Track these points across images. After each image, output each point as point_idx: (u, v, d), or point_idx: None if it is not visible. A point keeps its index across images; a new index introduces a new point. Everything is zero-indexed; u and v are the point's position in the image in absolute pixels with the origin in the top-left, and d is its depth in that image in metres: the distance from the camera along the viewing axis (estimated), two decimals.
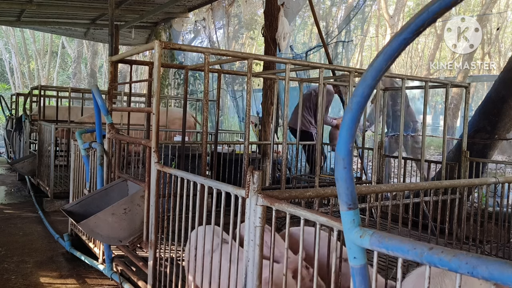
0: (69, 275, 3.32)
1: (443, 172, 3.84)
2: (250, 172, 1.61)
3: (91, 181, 3.35)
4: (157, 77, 2.40)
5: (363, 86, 0.83)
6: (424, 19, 0.73)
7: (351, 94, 3.01)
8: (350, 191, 0.91)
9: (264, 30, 6.34)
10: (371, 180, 3.67)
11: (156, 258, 2.42)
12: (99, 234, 2.53)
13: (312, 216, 1.41)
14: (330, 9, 9.55)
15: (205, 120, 2.68)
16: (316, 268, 1.47)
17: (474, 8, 15.79)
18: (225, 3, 9.29)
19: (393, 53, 0.78)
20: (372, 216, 3.87)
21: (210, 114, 8.36)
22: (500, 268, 0.73)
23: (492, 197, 3.01)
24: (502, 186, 2.67)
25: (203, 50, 2.71)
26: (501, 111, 4.81)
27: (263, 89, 6.48)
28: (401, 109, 3.68)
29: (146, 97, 3.89)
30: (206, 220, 2.10)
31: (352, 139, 0.88)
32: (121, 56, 3.20)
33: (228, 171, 5.05)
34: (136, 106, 8.67)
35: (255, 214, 1.59)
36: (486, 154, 4.95)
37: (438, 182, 2.60)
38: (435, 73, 14.64)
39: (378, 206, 2.64)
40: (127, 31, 10.58)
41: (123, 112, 5.36)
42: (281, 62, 3.48)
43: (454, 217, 2.58)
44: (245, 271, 1.66)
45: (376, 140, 3.69)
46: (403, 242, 0.92)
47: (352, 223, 0.96)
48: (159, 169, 2.36)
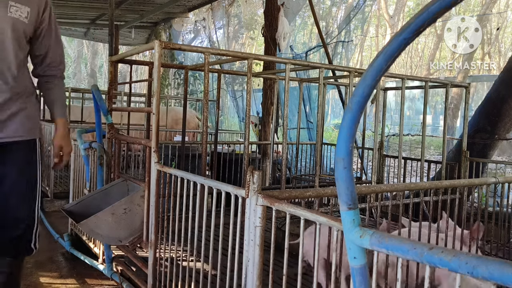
0: (69, 275, 3.32)
1: (443, 172, 3.84)
2: (250, 172, 1.61)
3: (91, 181, 3.35)
4: (157, 77, 2.40)
5: (363, 86, 0.83)
6: (424, 19, 0.73)
7: (351, 94, 3.01)
8: (350, 191, 0.91)
9: (264, 30, 6.35)
10: (371, 180, 3.67)
11: (156, 258, 2.42)
12: (99, 234, 2.53)
13: (312, 216, 1.41)
14: (330, 9, 9.56)
15: (205, 120, 2.68)
16: (317, 267, 1.47)
17: (474, 8, 15.80)
18: (225, 3, 9.29)
19: (393, 53, 0.78)
20: (372, 216, 3.87)
21: (210, 114, 8.36)
22: (500, 268, 0.73)
23: (492, 197, 3.01)
24: (502, 186, 2.67)
25: (203, 50, 2.71)
26: (501, 111, 4.81)
27: (263, 89, 6.48)
28: (401, 109, 3.68)
29: (146, 97, 3.89)
30: (206, 220, 2.11)
31: (352, 139, 0.88)
32: (121, 56, 3.20)
33: (228, 171, 5.05)
34: (136, 106, 8.67)
35: (255, 214, 1.59)
36: (486, 154, 4.95)
37: (438, 182, 2.60)
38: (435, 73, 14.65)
39: (378, 206, 2.64)
40: (127, 31, 10.59)
41: (123, 112, 5.36)
42: (281, 62, 3.48)
43: (454, 217, 2.58)
44: (245, 271, 1.66)
45: (376, 140, 3.69)
46: (403, 242, 0.92)
47: (352, 223, 0.96)
48: (159, 169, 2.36)
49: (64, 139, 2.12)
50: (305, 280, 1.85)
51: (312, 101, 6.82)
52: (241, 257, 1.75)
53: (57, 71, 2.14)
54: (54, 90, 2.15)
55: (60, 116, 2.15)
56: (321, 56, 7.15)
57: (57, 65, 2.14)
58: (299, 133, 3.88)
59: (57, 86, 2.16)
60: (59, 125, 2.15)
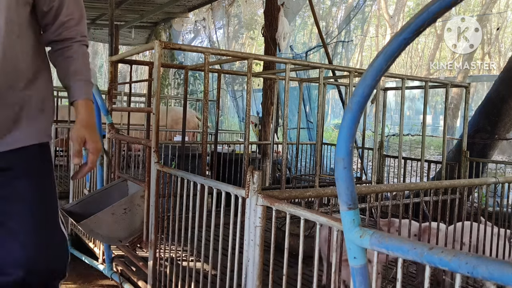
0: (69, 275, 3.31)
1: (443, 172, 3.84)
2: (250, 172, 1.61)
3: (91, 181, 3.35)
4: (157, 77, 2.40)
5: (363, 86, 0.83)
6: (424, 19, 0.73)
7: (351, 94, 3.01)
8: (350, 191, 0.91)
9: (264, 30, 6.35)
10: (371, 180, 3.67)
11: (156, 258, 2.42)
12: (99, 234, 2.53)
13: (312, 216, 1.41)
14: (330, 9, 9.56)
15: (205, 120, 2.68)
16: (317, 267, 1.47)
17: (474, 8, 15.80)
18: (225, 3, 9.29)
19: (393, 53, 0.78)
20: (372, 216, 3.87)
21: (210, 114, 8.36)
22: (500, 268, 0.73)
23: (492, 197, 3.01)
24: (502, 186, 2.67)
25: (203, 50, 2.71)
26: (501, 111, 4.81)
27: (263, 89, 6.48)
28: (401, 109, 3.68)
29: (146, 97, 3.89)
30: (206, 220, 2.11)
31: (352, 139, 0.88)
32: (121, 56, 3.20)
33: (228, 171, 5.05)
34: (136, 106, 8.67)
35: (255, 214, 1.59)
36: (486, 154, 4.95)
37: (438, 182, 2.60)
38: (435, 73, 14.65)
39: (378, 206, 2.64)
40: (127, 31, 10.59)
41: (123, 112, 5.36)
42: (281, 62, 3.48)
43: (454, 217, 2.58)
44: (245, 271, 1.66)
45: (376, 140, 3.69)
46: (403, 242, 0.92)
47: (352, 223, 0.96)
48: (159, 169, 2.36)
49: (88, 129, 1.46)
50: (305, 280, 1.85)
51: (312, 101, 6.82)
52: (241, 257, 1.75)
53: (76, 32, 1.49)
54: (74, 58, 1.49)
55: (83, 96, 1.48)
56: (321, 56, 7.16)
57: (76, 23, 1.49)
58: (299, 133, 3.88)
59: (78, 53, 1.49)
60: (82, 108, 1.47)
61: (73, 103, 1.49)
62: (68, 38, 1.48)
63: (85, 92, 1.48)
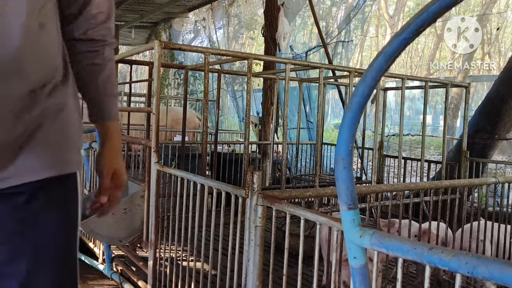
0: None
1: (443, 172, 3.84)
2: (250, 172, 1.61)
3: (91, 181, 3.35)
4: (157, 77, 2.40)
5: (363, 86, 0.83)
6: (424, 19, 0.72)
7: (351, 94, 3.01)
8: (350, 191, 0.91)
9: (264, 30, 6.35)
10: (371, 180, 3.67)
11: (156, 258, 2.42)
12: (99, 234, 2.54)
13: (312, 216, 1.41)
14: (330, 9, 9.56)
15: (205, 120, 2.68)
16: (317, 267, 1.47)
17: (474, 8, 15.80)
18: (225, 3, 9.29)
19: (393, 53, 0.78)
20: (372, 216, 3.87)
21: (210, 114, 8.36)
22: (500, 268, 0.73)
23: (492, 197, 3.01)
24: (502, 186, 2.67)
25: (203, 50, 2.71)
26: (501, 111, 4.81)
27: (263, 89, 6.48)
28: (401, 109, 3.68)
29: (146, 97, 3.89)
30: (206, 220, 2.11)
31: (352, 139, 0.88)
32: (121, 56, 3.20)
33: (228, 171, 5.05)
34: (136, 106, 8.67)
35: (255, 214, 1.59)
36: (486, 154, 4.95)
37: (438, 182, 2.61)
38: (435, 73, 14.65)
39: (378, 206, 2.64)
40: (127, 31, 10.59)
41: (123, 112, 5.36)
42: (281, 62, 3.48)
43: (454, 217, 2.58)
44: (245, 271, 1.66)
45: (376, 140, 3.69)
46: (403, 242, 0.92)
47: (352, 223, 0.96)
48: (159, 169, 2.36)
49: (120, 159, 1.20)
50: (305, 280, 1.85)
51: (312, 101, 6.82)
52: (241, 257, 1.75)
53: (105, 30, 1.14)
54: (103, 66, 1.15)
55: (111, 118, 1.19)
56: (321, 56, 7.16)
57: (106, 18, 1.13)
58: (299, 133, 3.88)
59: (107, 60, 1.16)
60: (114, 132, 1.19)
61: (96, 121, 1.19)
62: (97, 39, 1.13)
63: (114, 112, 1.19)
